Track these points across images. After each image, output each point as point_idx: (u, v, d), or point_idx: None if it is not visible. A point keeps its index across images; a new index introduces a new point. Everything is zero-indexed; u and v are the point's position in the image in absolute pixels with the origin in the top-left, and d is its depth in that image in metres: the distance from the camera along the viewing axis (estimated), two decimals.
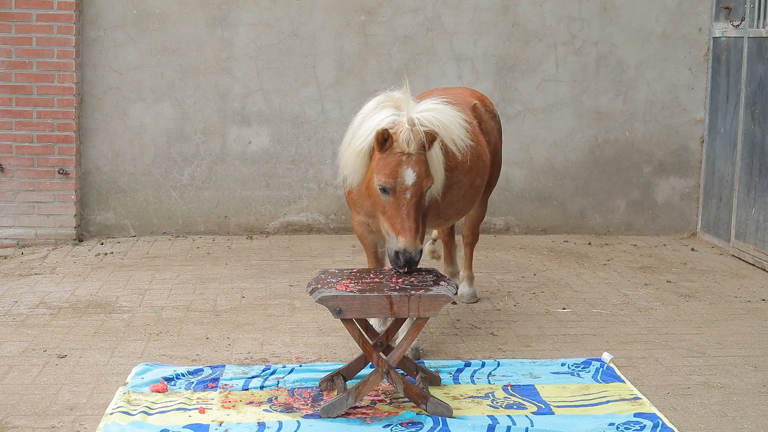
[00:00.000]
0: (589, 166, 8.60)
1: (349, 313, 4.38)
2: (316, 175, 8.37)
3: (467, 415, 4.44)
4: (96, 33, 8.13)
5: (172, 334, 5.63)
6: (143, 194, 8.31)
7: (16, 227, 8.01)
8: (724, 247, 8.14)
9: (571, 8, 8.43)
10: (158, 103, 8.26)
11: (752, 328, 5.95)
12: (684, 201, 8.69)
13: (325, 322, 5.90)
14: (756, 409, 4.63)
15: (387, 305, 4.36)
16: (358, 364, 4.76)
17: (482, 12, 8.38)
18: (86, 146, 8.22)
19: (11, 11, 7.87)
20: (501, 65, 8.44)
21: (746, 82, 7.86)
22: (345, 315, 4.38)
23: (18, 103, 7.94)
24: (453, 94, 5.75)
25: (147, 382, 4.77)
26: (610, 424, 4.36)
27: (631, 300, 6.53)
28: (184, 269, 7.16)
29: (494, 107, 6.23)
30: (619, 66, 8.52)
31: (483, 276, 7.02)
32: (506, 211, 8.57)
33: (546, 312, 6.22)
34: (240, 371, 4.95)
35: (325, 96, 8.36)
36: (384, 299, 4.35)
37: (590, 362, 5.14)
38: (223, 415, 4.42)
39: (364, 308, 4.37)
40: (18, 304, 6.19)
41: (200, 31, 8.23)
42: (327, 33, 8.31)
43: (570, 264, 7.54)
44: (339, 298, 4.35)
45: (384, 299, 4.35)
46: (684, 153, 8.65)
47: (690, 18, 8.51)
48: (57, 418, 4.39)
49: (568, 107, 8.52)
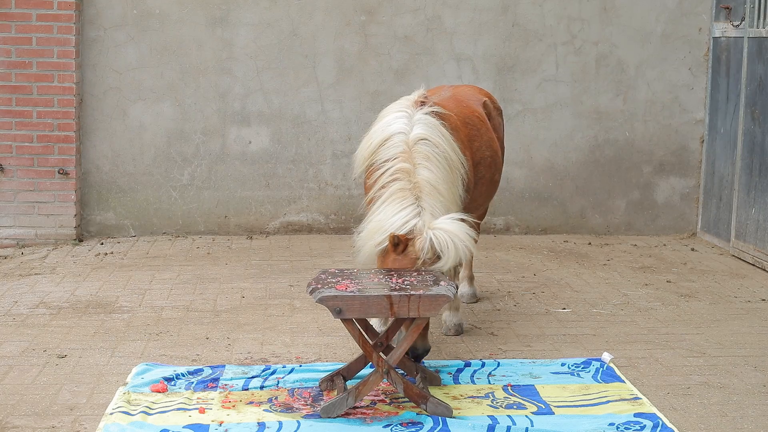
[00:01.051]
0: (589, 166, 8.60)
1: (349, 313, 4.38)
2: (316, 175, 8.37)
3: (467, 415, 4.44)
4: (96, 33, 8.13)
5: (172, 334, 5.63)
6: (143, 194, 8.31)
7: (16, 227, 8.01)
8: (724, 247, 8.14)
9: (571, 8, 8.43)
10: (158, 103, 8.26)
11: (752, 328, 5.95)
12: (684, 201, 8.69)
13: (325, 322, 5.90)
14: (756, 409, 4.63)
15: (387, 305, 4.36)
16: (358, 364, 4.77)
17: (482, 12, 8.38)
18: (86, 146, 8.22)
19: (11, 11, 7.87)
20: (501, 65, 8.44)
21: (746, 82, 7.86)
22: (345, 315, 4.38)
23: (18, 103, 7.94)
24: (461, 92, 5.95)
25: (147, 382, 4.77)
26: (610, 424, 4.36)
27: (631, 300, 6.53)
28: (184, 269, 7.16)
29: (499, 104, 6.39)
30: (619, 66, 8.52)
31: (483, 276, 7.02)
32: (506, 211, 8.57)
33: (546, 312, 6.22)
34: (240, 371, 4.95)
35: (325, 96, 8.36)
36: (384, 299, 4.35)
37: (590, 362, 5.14)
38: (223, 415, 4.42)
39: (364, 308, 4.37)
40: (18, 304, 6.19)
41: (200, 31, 8.23)
42: (327, 33, 8.31)
43: (570, 264, 7.54)
44: (339, 298, 4.35)
45: (384, 299, 4.35)
46: (684, 153, 8.65)
47: (690, 18, 8.51)
48: (57, 418, 4.39)
49: (568, 107, 8.52)
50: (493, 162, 5.78)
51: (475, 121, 5.71)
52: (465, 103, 5.72)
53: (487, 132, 5.77)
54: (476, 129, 5.66)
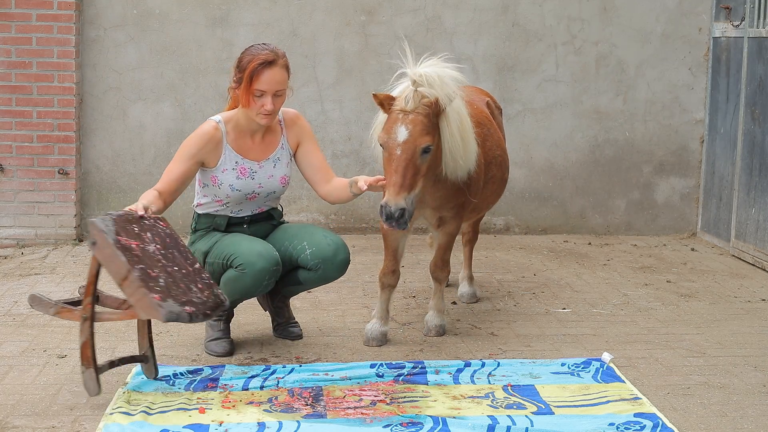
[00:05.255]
0: (589, 166, 8.60)
1: (98, 253, 4.37)
2: None
3: (467, 415, 4.44)
4: (96, 33, 8.13)
5: (172, 334, 5.64)
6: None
7: (16, 227, 8.01)
8: (724, 247, 8.14)
9: (571, 8, 8.43)
10: (158, 103, 8.26)
11: (752, 328, 5.95)
12: (684, 201, 8.69)
13: (325, 322, 5.91)
14: (756, 409, 4.63)
15: (122, 274, 4.28)
16: None
17: (482, 12, 8.38)
18: (86, 146, 8.22)
19: (11, 11, 7.87)
20: (501, 65, 8.44)
21: (746, 82, 7.86)
22: (94, 250, 4.37)
23: (18, 103, 7.95)
24: (465, 94, 5.79)
25: (147, 381, 4.78)
26: (610, 424, 4.36)
27: (631, 300, 6.53)
28: None
29: (499, 103, 6.42)
30: (619, 66, 8.52)
31: (483, 276, 7.02)
32: (506, 211, 8.57)
33: (546, 312, 6.22)
34: (240, 371, 4.95)
35: (325, 96, 8.36)
36: (125, 267, 4.27)
37: (590, 362, 5.14)
38: (223, 415, 4.42)
39: (108, 259, 4.32)
40: (18, 304, 6.19)
41: (200, 31, 8.23)
42: (327, 33, 8.31)
43: (570, 264, 7.54)
44: (102, 234, 4.33)
45: (125, 267, 4.27)
46: (684, 153, 8.65)
47: (690, 18, 8.51)
48: (57, 418, 4.39)
49: (568, 107, 8.52)
50: (503, 161, 5.83)
51: (485, 121, 5.72)
52: (473, 104, 5.69)
53: (495, 132, 5.80)
54: (487, 129, 5.66)
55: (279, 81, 5.07)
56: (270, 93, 5.04)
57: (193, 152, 5.08)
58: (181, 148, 5.13)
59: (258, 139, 5.24)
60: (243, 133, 5.20)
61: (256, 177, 5.21)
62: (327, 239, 5.19)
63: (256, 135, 5.24)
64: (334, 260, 5.16)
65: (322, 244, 5.17)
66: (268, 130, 5.29)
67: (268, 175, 5.24)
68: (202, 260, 5.17)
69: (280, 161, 5.29)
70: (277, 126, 5.33)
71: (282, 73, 5.09)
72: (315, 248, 5.15)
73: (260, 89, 5.03)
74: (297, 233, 5.25)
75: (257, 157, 5.23)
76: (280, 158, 5.29)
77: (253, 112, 5.08)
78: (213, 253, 5.14)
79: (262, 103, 5.04)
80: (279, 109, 5.15)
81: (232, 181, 5.15)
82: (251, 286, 5.03)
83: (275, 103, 5.06)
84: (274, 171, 5.25)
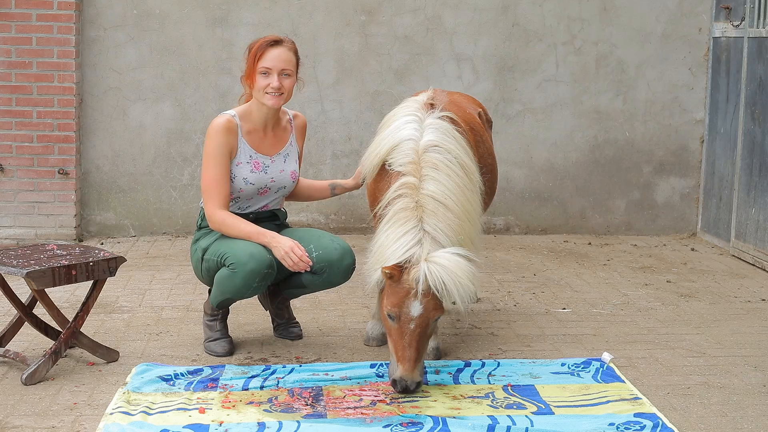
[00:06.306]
0: (589, 166, 8.60)
1: None
2: (316, 175, 8.37)
3: (467, 415, 4.44)
4: (96, 33, 8.13)
5: (172, 334, 5.64)
6: (143, 194, 8.31)
7: (16, 227, 8.01)
8: (724, 247, 8.14)
9: (571, 8, 8.43)
10: (158, 103, 8.26)
11: (752, 328, 5.95)
12: (684, 201, 8.69)
13: (325, 322, 5.91)
14: (756, 409, 4.63)
15: None
16: None
17: (482, 12, 8.38)
18: (86, 146, 8.22)
19: (11, 11, 7.87)
20: (501, 65, 8.44)
21: (746, 82, 7.86)
22: None
23: (18, 103, 7.95)
24: (458, 99, 5.76)
25: (147, 382, 4.77)
26: (610, 424, 4.36)
27: (631, 300, 6.53)
28: (184, 269, 7.16)
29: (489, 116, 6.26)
30: (619, 66, 8.52)
31: (483, 276, 7.01)
32: (506, 211, 8.57)
33: (546, 312, 6.22)
34: (240, 371, 4.95)
35: (325, 96, 8.36)
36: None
37: (590, 362, 5.14)
38: (223, 415, 4.42)
39: None
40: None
41: (200, 31, 8.23)
42: (327, 33, 8.31)
43: (570, 264, 7.54)
44: None
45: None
46: (684, 153, 8.65)
47: (690, 18, 8.51)
48: (57, 418, 4.39)
49: (568, 107, 8.52)
50: (494, 170, 5.71)
51: (477, 127, 5.60)
52: (466, 109, 5.62)
53: (487, 139, 5.71)
54: (479, 135, 5.56)
55: (284, 60, 5.08)
56: (275, 71, 5.05)
57: (222, 149, 5.11)
58: (208, 152, 5.13)
59: (270, 134, 5.26)
60: (255, 127, 5.22)
61: (269, 171, 5.23)
62: (334, 243, 5.18)
63: (268, 129, 5.25)
64: (340, 264, 5.15)
65: (329, 247, 5.16)
66: (278, 126, 5.30)
67: (280, 170, 5.27)
68: (201, 256, 5.18)
69: (290, 157, 5.33)
70: (287, 124, 5.36)
71: (288, 54, 5.10)
72: (321, 251, 5.14)
73: (265, 66, 5.03)
74: (304, 236, 5.25)
75: (269, 151, 5.25)
76: (289, 154, 5.33)
77: (260, 93, 5.08)
78: (210, 250, 5.15)
79: (268, 81, 5.05)
80: (287, 93, 5.14)
81: (247, 174, 5.17)
82: (242, 287, 5.02)
83: (282, 81, 5.07)
84: (284, 165, 5.28)
